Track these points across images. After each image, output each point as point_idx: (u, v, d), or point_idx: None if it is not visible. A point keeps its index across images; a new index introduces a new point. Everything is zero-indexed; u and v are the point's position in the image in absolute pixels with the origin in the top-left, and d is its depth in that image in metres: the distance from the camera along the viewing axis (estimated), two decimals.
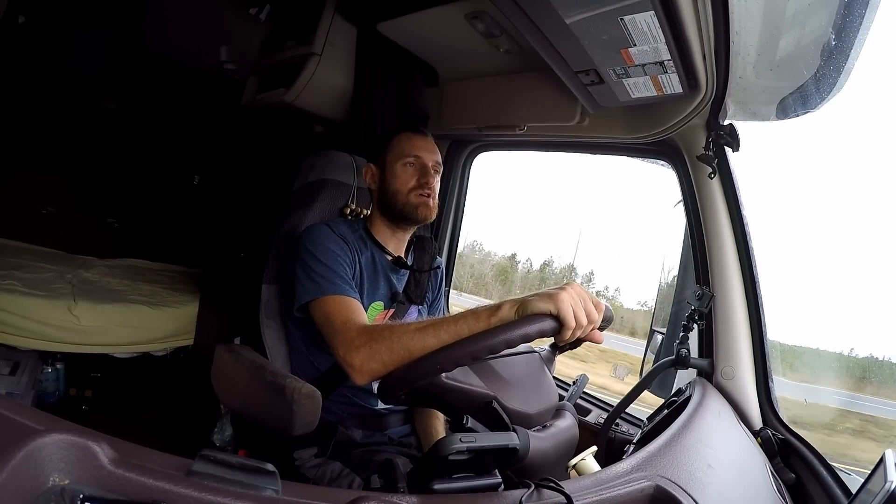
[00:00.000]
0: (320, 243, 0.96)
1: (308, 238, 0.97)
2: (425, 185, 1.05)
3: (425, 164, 1.06)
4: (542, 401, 0.70)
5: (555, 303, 0.61)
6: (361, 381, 0.71)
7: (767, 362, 1.06)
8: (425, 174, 1.05)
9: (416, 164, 1.06)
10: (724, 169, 1.07)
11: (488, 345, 0.59)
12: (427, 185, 1.05)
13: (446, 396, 0.62)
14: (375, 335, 0.71)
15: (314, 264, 0.93)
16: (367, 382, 0.72)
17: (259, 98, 1.63)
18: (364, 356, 0.70)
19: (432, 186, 1.06)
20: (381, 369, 0.68)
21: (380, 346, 0.69)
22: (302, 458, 0.97)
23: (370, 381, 0.71)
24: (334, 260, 0.95)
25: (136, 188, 2.95)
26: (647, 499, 0.54)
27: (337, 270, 0.93)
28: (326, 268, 0.93)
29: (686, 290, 1.18)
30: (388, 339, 0.68)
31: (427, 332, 0.65)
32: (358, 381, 0.72)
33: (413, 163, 1.06)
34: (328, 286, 0.90)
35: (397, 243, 1.11)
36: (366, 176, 1.10)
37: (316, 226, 1.02)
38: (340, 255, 0.96)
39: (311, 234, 0.99)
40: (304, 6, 1.46)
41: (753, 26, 0.77)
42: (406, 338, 0.66)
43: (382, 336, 0.70)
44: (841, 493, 0.82)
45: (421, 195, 1.04)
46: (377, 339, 0.70)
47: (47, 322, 1.94)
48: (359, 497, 0.40)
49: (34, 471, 0.30)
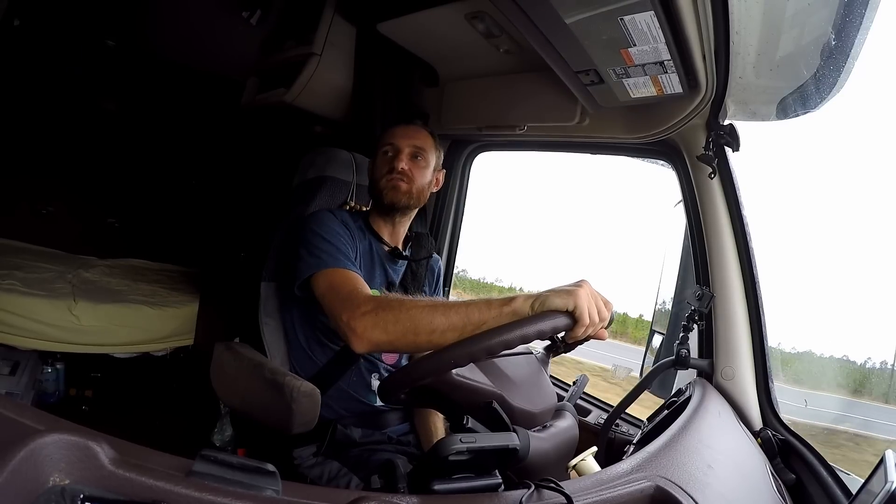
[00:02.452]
0: (325, 224, 0.97)
1: (313, 220, 0.98)
2: (393, 169, 1.05)
3: (399, 148, 1.07)
4: (543, 400, 0.70)
5: (574, 299, 0.61)
6: (361, 349, 0.70)
7: (767, 363, 1.06)
8: (396, 159, 1.06)
9: (390, 151, 1.07)
10: (724, 169, 1.07)
11: (504, 339, 0.58)
12: (394, 170, 1.04)
13: (452, 394, 0.62)
14: (383, 304, 0.70)
15: (319, 242, 0.93)
16: (367, 351, 0.71)
17: (259, 98, 1.63)
18: (369, 322, 0.69)
19: (401, 169, 1.04)
20: (383, 338, 0.67)
21: (387, 314, 0.68)
22: (301, 457, 0.97)
23: (370, 351, 0.71)
24: (339, 239, 0.95)
25: (136, 188, 2.95)
26: (647, 499, 0.54)
27: (341, 248, 0.94)
28: (331, 245, 0.93)
29: (686, 290, 1.18)
30: (395, 310, 0.68)
31: (437, 310, 0.64)
32: (357, 348, 0.71)
33: (388, 150, 1.08)
34: (332, 260, 0.90)
35: (393, 235, 1.12)
36: (368, 171, 1.14)
37: (320, 211, 1.03)
38: (344, 237, 0.97)
39: (315, 217, 1.00)
40: (303, 6, 1.46)
41: (753, 26, 0.77)
42: (415, 311, 0.66)
43: (391, 305, 0.69)
44: (841, 494, 0.82)
45: (391, 179, 1.05)
46: (385, 308, 0.69)
47: (47, 322, 1.94)
48: (359, 497, 0.40)
49: (34, 471, 0.30)
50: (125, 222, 2.97)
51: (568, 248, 30.25)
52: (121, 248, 2.87)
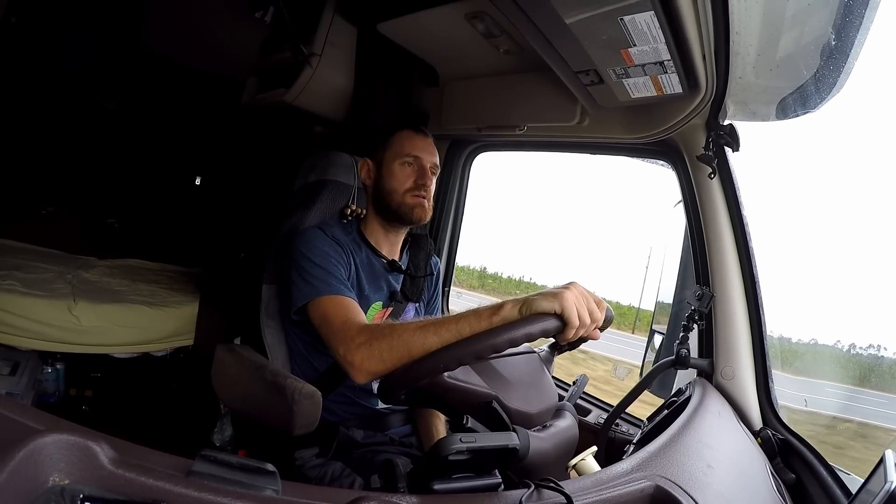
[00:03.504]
0: (314, 245, 0.96)
1: (301, 241, 0.97)
2: (422, 186, 1.04)
3: (424, 165, 1.06)
4: (542, 401, 0.70)
5: (560, 302, 0.61)
6: (361, 380, 0.71)
7: (767, 362, 1.06)
8: (423, 175, 1.05)
9: (414, 165, 1.06)
10: (724, 169, 1.07)
11: (492, 343, 0.59)
12: (424, 187, 1.05)
13: (447, 396, 0.62)
14: (376, 333, 0.71)
15: (309, 266, 0.93)
16: (367, 381, 0.72)
17: (259, 98, 1.63)
18: (364, 354, 0.70)
19: (429, 188, 1.06)
20: (381, 367, 0.68)
21: (380, 344, 0.69)
22: (303, 459, 0.97)
23: (370, 380, 0.71)
24: (329, 261, 0.94)
25: (136, 188, 2.96)
26: (647, 499, 0.54)
27: (332, 271, 0.93)
28: (321, 269, 0.93)
29: (686, 290, 1.18)
30: (388, 338, 0.68)
31: (428, 331, 0.65)
32: (358, 380, 0.72)
33: (411, 163, 1.05)
34: (324, 287, 0.90)
35: (391, 244, 1.11)
36: (361, 171, 1.11)
37: (309, 229, 1.02)
38: (335, 257, 0.96)
39: (303, 237, 0.98)
40: (304, 6, 1.46)
41: (753, 26, 0.77)
42: (407, 336, 0.66)
43: (383, 334, 0.70)
44: (841, 494, 0.82)
45: (417, 196, 1.04)
46: (377, 338, 0.70)
47: (47, 322, 1.94)
48: (359, 497, 0.40)
49: (34, 471, 0.30)
50: (125, 222, 2.97)
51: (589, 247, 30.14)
52: (120, 249, 2.87)
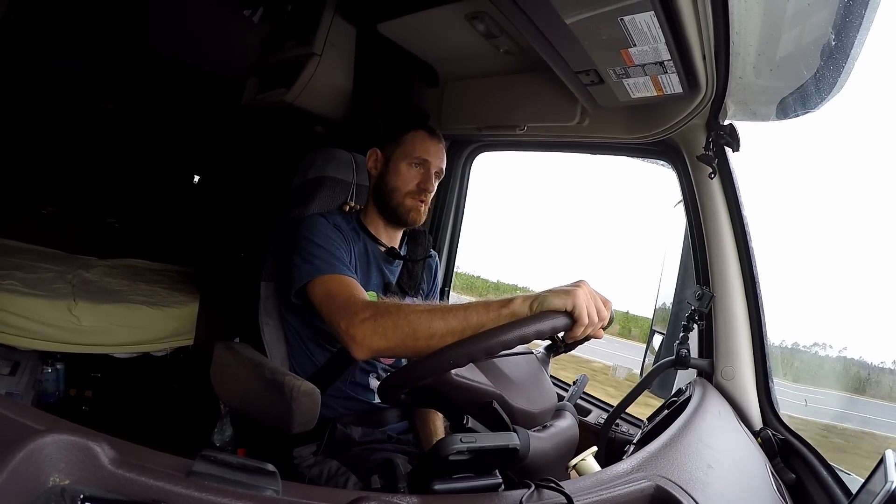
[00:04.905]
0: (317, 229, 0.96)
1: (304, 226, 0.97)
2: (424, 191, 1.05)
3: (431, 170, 1.06)
4: (543, 400, 0.70)
5: (572, 299, 0.61)
6: (361, 356, 0.71)
7: (767, 362, 1.06)
8: (427, 180, 1.06)
9: (421, 168, 1.06)
10: (724, 169, 1.07)
11: (503, 340, 0.58)
12: (426, 192, 1.05)
13: (452, 394, 0.61)
14: (381, 310, 0.70)
15: (311, 248, 0.92)
16: (367, 358, 0.71)
17: (259, 98, 1.63)
18: (368, 329, 0.70)
19: (430, 193, 1.06)
20: (383, 344, 0.68)
21: (385, 320, 0.68)
22: (301, 457, 0.97)
23: (370, 357, 0.71)
24: (332, 243, 0.94)
25: (136, 188, 2.96)
26: (647, 499, 0.54)
27: (335, 253, 0.93)
28: (325, 251, 0.92)
29: (686, 290, 1.18)
30: (394, 315, 0.68)
31: (435, 315, 0.64)
32: (358, 356, 0.71)
33: (418, 165, 1.06)
34: (327, 266, 0.90)
35: (389, 235, 1.12)
36: (369, 159, 1.11)
37: (312, 216, 1.02)
38: (337, 241, 0.96)
39: (307, 222, 0.99)
40: (303, 6, 1.46)
41: (753, 26, 0.77)
42: (413, 317, 0.66)
43: (389, 311, 0.69)
44: (841, 494, 0.82)
45: (417, 200, 1.05)
46: (383, 314, 0.69)
47: (47, 322, 1.94)
48: (359, 497, 0.40)
49: (34, 471, 0.30)
50: (125, 222, 2.98)
51: (590, 250, 30.18)
52: (120, 249, 2.87)
